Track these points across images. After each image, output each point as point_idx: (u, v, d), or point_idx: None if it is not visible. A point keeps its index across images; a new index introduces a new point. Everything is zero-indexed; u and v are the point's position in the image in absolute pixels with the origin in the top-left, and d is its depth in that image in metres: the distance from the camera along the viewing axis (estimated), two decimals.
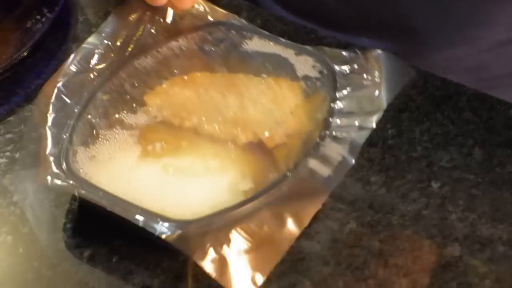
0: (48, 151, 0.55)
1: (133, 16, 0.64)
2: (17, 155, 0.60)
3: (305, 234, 0.53)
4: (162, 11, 0.64)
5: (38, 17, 0.68)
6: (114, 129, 0.58)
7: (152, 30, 0.64)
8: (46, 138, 0.55)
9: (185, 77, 0.62)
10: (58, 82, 0.59)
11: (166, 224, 0.50)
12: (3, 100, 0.64)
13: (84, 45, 0.61)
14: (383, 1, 0.72)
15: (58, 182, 0.53)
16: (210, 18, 0.65)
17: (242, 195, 0.54)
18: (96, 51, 0.61)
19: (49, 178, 0.53)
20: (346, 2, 0.74)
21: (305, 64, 0.63)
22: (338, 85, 0.60)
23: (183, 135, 0.58)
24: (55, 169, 0.54)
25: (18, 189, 0.58)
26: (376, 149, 0.60)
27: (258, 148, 0.58)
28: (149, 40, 0.63)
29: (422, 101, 0.63)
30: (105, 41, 0.62)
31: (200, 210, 0.52)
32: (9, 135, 0.62)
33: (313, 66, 0.63)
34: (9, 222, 0.56)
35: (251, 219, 0.52)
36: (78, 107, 0.58)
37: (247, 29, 0.65)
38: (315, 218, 0.54)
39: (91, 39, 0.62)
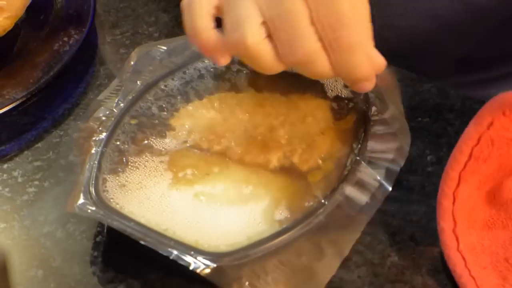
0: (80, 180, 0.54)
1: None
2: (46, 183, 0.59)
3: (345, 268, 0.52)
4: None
5: (65, 39, 0.66)
6: (144, 156, 0.57)
7: None
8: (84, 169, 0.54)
9: (212, 99, 0.60)
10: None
11: (201, 258, 0.49)
12: (30, 126, 0.62)
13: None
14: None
15: (88, 212, 0.51)
16: None
17: (278, 224, 0.52)
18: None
19: (78, 208, 0.52)
20: None
21: (335, 84, 0.61)
22: (372, 106, 0.59)
23: (213, 159, 0.57)
24: (85, 199, 0.52)
25: (48, 220, 0.56)
26: (415, 177, 0.58)
27: (291, 172, 0.56)
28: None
29: (461, 125, 0.61)
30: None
31: (235, 241, 0.51)
32: (37, 163, 0.60)
33: (345, 86, 0.61)
34: (39, 255, 0.54)
35: (288, 250, 0.51)
36: (106, 132, 0.57)
37: None
38: (354, 251, 0.53)
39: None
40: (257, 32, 0.50)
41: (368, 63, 0.51)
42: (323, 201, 0.53)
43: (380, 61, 0.52)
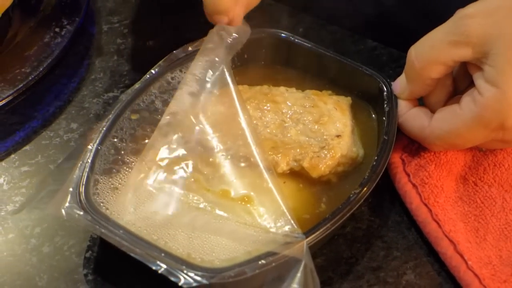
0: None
1: None
2: (33, 191, 0.54)
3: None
4: None
5: (57, 29, 0.61)
6: None
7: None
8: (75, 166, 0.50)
9: (223, 93, 0.55)
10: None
11: (192, 274, 0.45)
12: (17, 126, 0.57)
13: None
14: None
15: (75, 216, 0.47)
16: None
17: (281, 238, 0.48)
18: None
19: (65, 211, 0.48)
20: None
21: (361, 78, 0.57)
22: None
23: (217, 161, 0.52)
24: (72, 202, 0.48)
25: (34, 234, 0.52)
26: None
27: (300, 178, 0.52)
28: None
29: None
30: None
31: (232, 255, 0.47)
32: (24, 168, 0.55)
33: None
34: (24, 273, 0.50)
35: None
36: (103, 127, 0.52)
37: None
38: (367, 268, 0.49)
39: None
40: None
41: None
42: (328, 216, 0.48)
43: None
